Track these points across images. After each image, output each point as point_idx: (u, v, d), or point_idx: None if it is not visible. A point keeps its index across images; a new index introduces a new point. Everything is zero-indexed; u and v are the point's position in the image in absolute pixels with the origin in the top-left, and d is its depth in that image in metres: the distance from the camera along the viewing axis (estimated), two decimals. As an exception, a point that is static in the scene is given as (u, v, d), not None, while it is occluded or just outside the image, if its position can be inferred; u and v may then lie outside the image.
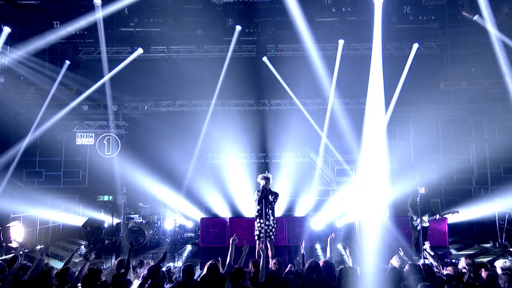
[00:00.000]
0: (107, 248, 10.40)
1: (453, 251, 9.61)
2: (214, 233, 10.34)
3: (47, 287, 4.97)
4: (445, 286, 4.04)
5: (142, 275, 5.58)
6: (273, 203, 6.85)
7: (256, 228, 6.90)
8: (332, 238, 6.18)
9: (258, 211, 6.83)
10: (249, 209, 11.52)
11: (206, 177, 13.14)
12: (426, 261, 7.44)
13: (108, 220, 11.18)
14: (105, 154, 13.31)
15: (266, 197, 6.74)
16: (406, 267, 5.00)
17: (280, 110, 13.77)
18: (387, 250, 7.83)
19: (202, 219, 10.68)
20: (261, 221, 6.75)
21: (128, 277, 5.02)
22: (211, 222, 10.52)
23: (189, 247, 10.47)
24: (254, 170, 13.62)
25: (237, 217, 11.31)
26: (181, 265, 8.88)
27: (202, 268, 7.77)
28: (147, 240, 10.16)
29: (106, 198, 13.96)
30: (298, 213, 12.31)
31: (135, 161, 12.60)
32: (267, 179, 6.87)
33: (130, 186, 11.98)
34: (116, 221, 11.41)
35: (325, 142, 13.60)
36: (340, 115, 13.06)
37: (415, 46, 12.27)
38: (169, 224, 11.19)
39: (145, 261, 5.80)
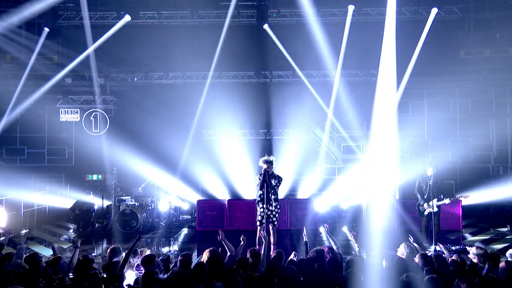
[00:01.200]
0: (97, 232, 10.61)
1: (468, 236, 9.79)
2: (211, 216, 10.51)
3: (35, 277, 5.07)
4: (457, 280, 4.11)
5: (135, 264, 5.73)
6: (275, 188, 6.93)
7: (258, 213, 7.02)
8: (327, 230, 6.28)
9: (260, 196, 6.93)
10: (249, 190, 11.67)
11: (202, 156, 13.21)
12: (438, 248, 7.63)
13: (98, 202, 11.33)
14: (92, 132, 13.33)
15: (269, 181, 6.81)
16: (416, 257, 5.08)
17: (283, 83, 13.66)
18: (395, 235, 8.02)
19: (198, 202, 10.84)
20: (263, 206, 6.86)
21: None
22: (209, 205, 10.68)
23: (185, 231, 10.68)
24: (254, 148, 13.68)
25: (236, 199, 11.48)
26: (177, 248, 9.14)
27: (199, 254, 7.99)
28: (140, 224, 10.34)
29: (95, 177, 14.12)
30: (301, 194, 12.46)
31: (125, 139, 12.63)
32: (269, 162, 6.92)
33: (121, 166, 12.05)
34: (106, 203, 11.57)
35: (331, 117, 13.59)
36: (348, 88, 12.99)
37: (434, 10, 11.99)
38: (163, 207, 11.37)
39: (139, 250, 5.92)
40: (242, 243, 5.67)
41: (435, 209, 8.19)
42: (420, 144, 14.24)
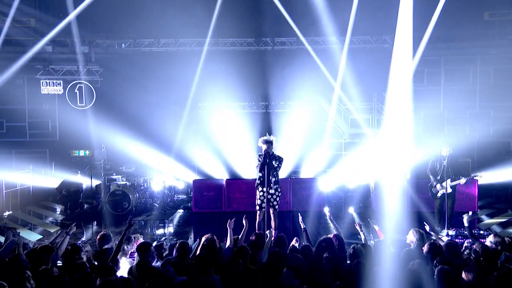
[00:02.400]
0: (86, 214, 10.82)
1: (484, 218, 9.94)
2: (208, 197, 10.70)
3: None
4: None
5: (129, 252, 5.90)
6: (277, 169, 7.04)
7: (258, 197, 7.17)
8: (331, 217, 6.40)
9: (259, 179, 7.06)
10: (248, 169, 11.78)
11: (198, 132, 13.28)
12: (451, 232, 7.81)
13: (86, 182, 11.49)
14: (77, 106, 13.31)
15: (269, 162, 6.91)
16: (425, 246, 5.12)
17: (285, 51, 13.51)
18: (406, 218, 8.14)
19: (195, 182, 11.00)
20: (263, 189, 6.99)
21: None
22: (205, 185, 10.85)
23: (180, 213, 10.90)
24: (254, 122, 13.73)
25: (234, 178, 11.63)
26: (172, 231, 9.36)
27: (196, 238, 8.18)
28: (132, 205, 10.54)
29: (82, 153, 14.19)
30: (304, 173, 12.59)
31: (114, 114, 12.61)
32: (269, 142, 7.00)
33: (110, 143, 12.13)
34: (95, 183, 11.73)
35: (338, 88, 13.54)
36: (357, 56, 12.86)
37: (457, -34, 11.69)
38: (157, 186, 11.52)
39: (133, 237, 6.07)
40: (244, 226, 5.79)
41: (449, 190, 8.31)
42: (435, 117, 14.26)
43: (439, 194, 8.58)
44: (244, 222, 5.76)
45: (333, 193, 11.85)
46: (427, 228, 6.39)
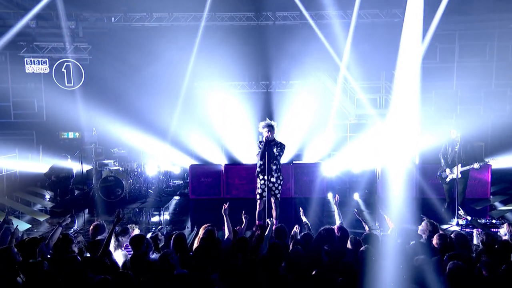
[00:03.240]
0: (77, 201, 10.96)
1: (497, 205, 10.01)
2: (206, 183, 10.83)
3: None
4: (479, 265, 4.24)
5: (125, 244, 6.03)
6: (278, 157, 7.12)
7: (259, 186, 7.27)
8: (337, 201, 6.45)
9: (260, 167, 7.14)
10: (248, 154, 11.88)
11: (195, 114, 13.33)
12: (461, 221, 7.94)
13: (76, 167, 11.60)
14: (65, 86, 13.30)
15: (270, 149, 6.98)
16: (435, 238, 5.21)
17: (288, 26, 13.42)
18: (413, 205, 8.26)
19: (191, 167, 11.11)
20: (264, 177, 7.09)
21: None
22: (203, 170, 10.97)
23: (176, 199, 11.06)
24: (254, 102, 13.77)
25: (234, 164, 11.73)
26: (168, 218, 9.53)
27: (193, 226, 8.34)
28: (126, 192, 10.69)
29: (71, 135, 14.32)
30: (307, 158, 12.69)
31: (105, 96, 12.66)
32: (270, 127, 7.05)
33: (100, 126, 12.22)
34: (86, 168, 11.85)
35: (345, 66, 13.53)
36: (364, 32, 12.82)
37: None
38: (151, 171, 11.63)
39: (129, 227, 6.18)
40: (244, 223, 5.87)
41: (459, 176, 8.43)
42: (447, 96, 14.32)
43: (447, 179, 8.77)
44: (243, 218, 5.85)
45: (337, 178, 12.02)
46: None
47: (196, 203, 10.64)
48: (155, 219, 9.58)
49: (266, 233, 5.63)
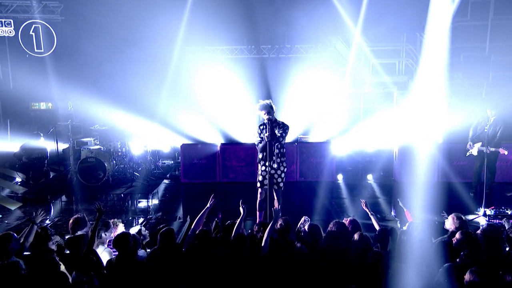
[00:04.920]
0: (52, 185, 11.03)
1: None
2: (200, 165, 10.91)
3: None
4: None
5: (108, 240, 6.13)
6: (280, 139, 7.11)
7: (259, 173, 7.30)
8: (366, 204, 6.27)
9: (262, 153, 7.15)
10: (247, 132, 11.88)
11: (184, 87, 13.24)
12: (488, 211, 7.99)
13: (51, 146, 11.62)
14: (34, 52, 13.16)
15: (271, 131, 6.97)
16: (457, 234, 5.17)
17: (293, -21, 13.21)
18: (434, 190, 8.29)
19: (183, 147, 11.15)
20: (266, 163, 7.12)
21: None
22: (196, 151, 11.01)
23: (166, 183, 11.18)
24: (253, 70, 13.70)
25: (230, 143, 11.74)
26: (157, 203, 9.63)
27: (185, 217, 8.43)
28: (109, 175, 10.77)
29: (43, 105, 14.28)
30: (315, 136, 12.65)
31: (81, 65, 12.53)
32: (268, 107, 7.01)
33: (76, 99, 12.18)
34: (62, 146, 11.88)
35: (359, 26, 13.39)
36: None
37: None
38: (137, 151, 11.65)
39: (111, 222, 6.26)
40: (242, 214, 5.88)
41: (475, 153, 8.78)
42: (478, 60, 14.20)
43: (467, 154, 9.04)
44: (241, 209, 5.86)
45: (348, 158, 12.09)
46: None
47: (189, 187, 10.75)
48: (142, 204, 9.66)
49: (269, 227, 5.65)
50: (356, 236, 5.15)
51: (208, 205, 5.93)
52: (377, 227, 5.77)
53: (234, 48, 14.08)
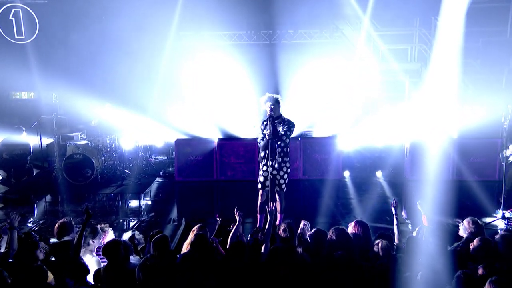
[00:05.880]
0: (36, 183, 11.07)
1: None
2: (196, 162, 10.89)
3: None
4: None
5: (96, 248, 6.15)
6: (284, 138, 7.08)
7: (260, 173, 7.29)
8: (395, 204, 5.99)
9: (265, 150, 7.13)
10: (246, 126, 11.83)
11: (180, 76, 13.18)
12: (507, 213, 7.96)
13: (34, 142, 11.62)
14: (14, 39, 13.09)
15: (274, 129, 6.94)
16: (474, 241, 5.12)
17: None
18: (449, 189, 8.28)
19: (178, 142, 11.14)
20: (267, 163, 7.09)
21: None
22: (191, 146, 10.99)
23: (159, 181, 11.20)
24: (254, 58, 13.65)
25: (229, 138, 11.71)
26: (149, 203, 9.67)
27: (180, 219, 8.48)
28: (97, 173, 10.78)
29: (24, 95, 14.27)
30: (320, 130, 12.60)
31: (66, 52, 12.45)
32: (274, 101, 6.99)
33: (61, 90, 12.16)
34: (46, 142, 11.88)
35: (368, 9, 13.36)
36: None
37: None
38: (128, 146, 11.60)
39: (99, 228, 6.26)
40: (237, 220, 5.89)
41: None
42: (498, 46, 14.10)
43: (510, 159, 8.64)
44: (236, 216, 5.86)
45: (356, 153, 12.12)
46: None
47: (184, 186, 10.77)
48: (134, 206, 9.68)
49: (266, 230, 5.65)
50: (381, 252, 5.11)
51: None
52: (396, 241, 5.63)
53: (232, 34, 14.00)
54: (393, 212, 5.94)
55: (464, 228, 5.62)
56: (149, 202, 9.85)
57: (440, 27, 12.45)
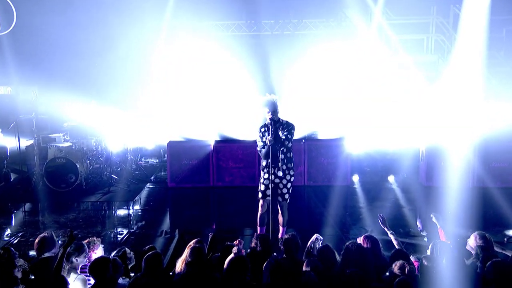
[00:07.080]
0: (14, 190, 11.08)
1: None
2: (190, 166, 10.92)
3: None
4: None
5: (81, 265, 6.16)
6: (286, 142, 7.10)
7: (262, 181, 7.31)
8: (383, 221, 6.23)
9: (266, 159, 7.15)
10: (245, 127, 11.83)
11: (173, 72, 13.16)
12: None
13: (11, 144, 11.65)
14: (-13, 30, 13.11)
15: (275, 133, 6.98)
16: (488, 267, 4.90)
17: None
18: (468, 197, 8.28)
19: (170, 144, 11.16)
20: (269, 171, 7.11)
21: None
22: (185, 150, 11.03)
23: (150, 188, 11.24)
24: (254, 50, 13.60)
25: (226, 141, 11.72)
26: (139, 211, 9.69)
27: (173, 229, 8.48)
28: (82, 179, 10.80)
29: (1, 90, 14.29)
30: (326, 131, 12.60)
31: (46, 46, 12.44)
32: (274, 106, 7.00)
33: (41, 87, 12.16)
34: (25, 144, 11.88)
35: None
36: None
37: None
38: (116, 149, 11.63)
39: (85, 244, 6.26)
40: (236, 248, 5.79)
41: None
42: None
43: None
44: (235, 245, 5.76)
45: (367, 156, 12.16)
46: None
47: (177, 193, 10.82)
48: (122, 215, 9.68)
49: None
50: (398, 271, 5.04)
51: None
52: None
53: (230, 24, 14.00)
54: (385, 228, 6.13)
55: (471, 242, 5.60)
56: (139, 212, 9.86)
57: (463, 14, 12.41)
